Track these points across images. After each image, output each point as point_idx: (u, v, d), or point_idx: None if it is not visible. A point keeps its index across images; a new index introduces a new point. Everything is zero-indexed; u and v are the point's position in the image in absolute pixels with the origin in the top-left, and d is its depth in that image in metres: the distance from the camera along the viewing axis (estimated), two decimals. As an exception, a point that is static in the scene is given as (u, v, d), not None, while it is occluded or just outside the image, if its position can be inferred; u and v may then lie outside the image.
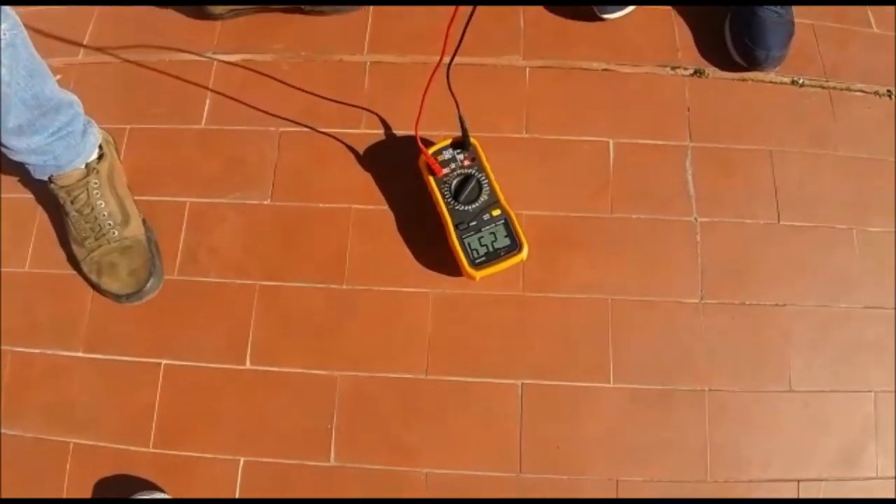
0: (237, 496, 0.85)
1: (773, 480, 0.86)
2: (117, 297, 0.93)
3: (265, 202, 0.97)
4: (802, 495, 0.86)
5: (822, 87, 1.05)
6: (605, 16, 1.04)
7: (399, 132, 1.00)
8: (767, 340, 0.91)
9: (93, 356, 0.91)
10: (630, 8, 1.05)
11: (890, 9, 1.11)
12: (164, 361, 0.90)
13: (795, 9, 1.05)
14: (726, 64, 1.04)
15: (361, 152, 1.00)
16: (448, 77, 0.88)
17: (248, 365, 0.90)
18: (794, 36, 1.04)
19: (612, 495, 0.85)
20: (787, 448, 0.87)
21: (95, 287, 0.94)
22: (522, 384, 0.89)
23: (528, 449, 0.86)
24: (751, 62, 1.02)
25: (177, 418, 0.88)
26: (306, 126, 1.01)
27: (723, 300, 0.92)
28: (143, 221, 0.96)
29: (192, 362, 0.90)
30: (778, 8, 1.02)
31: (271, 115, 1.02)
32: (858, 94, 1.05)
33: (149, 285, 0.92)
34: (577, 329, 0.91)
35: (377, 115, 1.02)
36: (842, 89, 1.05)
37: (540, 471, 0.86)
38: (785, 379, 0.90)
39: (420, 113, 0.85)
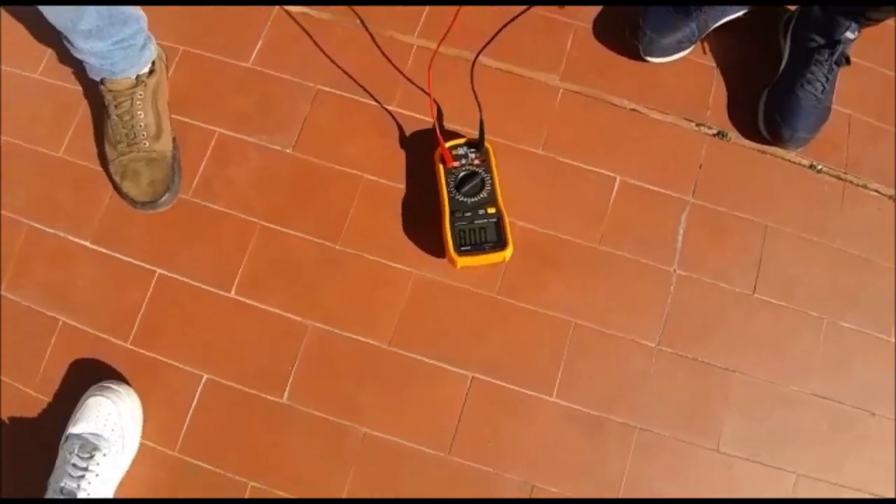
0: (193, 407, 0.93)
1: (677, 527, 0.92)
2: (133, 203, 1.00)
3: (287, 150, 1.04)
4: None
5: (839, 178, 1.07)
6: (649, 58, 1.07)
7: (427, 118, 1.05)
8: (709, 399, 0.96)
9: (98, 248, 0.99)
10: (675, 56, 1.08)
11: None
12: (160, 271, 0.98)
13: (838, 95, 1.07)
14: (751, 133, 1.07)
15: (387, 128, 1.05)
16: (472, 77, 0.93)
17: (232, 293, 0.97)
18: (826, 122, 1.06)
19: (525, 498, 0.91)
20: (697, 496, 0.93)
21: (117, 188, 1.01)
22: (473, 377, 0.95)
23: (462, 436, 0.93)
24: (775, 137, 1.05)
25: (158, 324, 0.96)
26: (343, 90, 1.07)
27: (677, 351, 0.97)
28: (173, 140, 1.03)
29: (184, 278, 0.98)
30: (819, 93, 1.04)
31: (314, 70, 1.08)
32: (873, 193, 1.07)
33: (164, 199, 1.00)
34: (537, 341, 0.96)
35: (412, 97, 1.07)
36: (857, 185, 1.07)
37: (466, 458, 0.92)
38: (715, 439, 0.94)
39: (432, 105, 0.90)
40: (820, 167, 1.07)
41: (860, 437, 0.97)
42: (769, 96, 1.07)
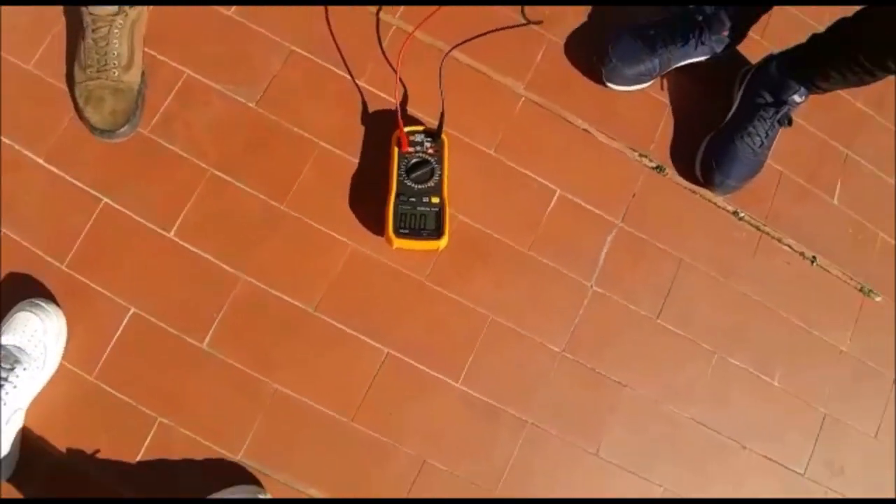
0: (116, 337, 0.96)
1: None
2: (92, 129, 1.02)
3: (250, 104, 1.06)
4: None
5: (757, 229, 1.16)
6: (610, 84, 1.13)
7: (392, 99, 1.09)
8: (597, 407, 1.04)
9: (50, 167, 1.00)
10: (634, 87, 1.14)
11: (856, 187, 1.21)
12: (106, 199, 1.00)
13: (775, 152, 1.15)
14: (686, 172, 1.15)
15: (351, 101, 1.08)
16: (441, 69, 0.96)
17: (171, 234, 1.00)
18: (757, 175, 1.14)
19: (415, 472, 0.98)
20: (571, 494, 1.02)
21: (79, 111, 1.02)
22: (388, 353, 1.01)
23: (367, 405, 0.99)
24: (707, 181, 1.13)
25: (95, 251, 0.99)
26: (316, 56, 1.10)
27: (578, 359, 1.05)
28: (143, 74, 1.04)
29: (128, 211, 1.00)
30: (757, 146, 1.12)
31: (291, 31, 1.10)
32: (786, 247, 1.16)
33: (122, 130, 1.01)
34: (453, 329, 1.03)
35: (381, 75, 1.10)
36: (773, 237, 1.16)
37: (367, 426, 0.99)
38: (596, 444, 1.03)
39: (398, 88, 0.94)
40: (742, 215, 1.15)
41: (728, 466, 1.07)
42: (710, 141, 1.14)
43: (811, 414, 1.12)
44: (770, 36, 1.24)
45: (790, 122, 1.11)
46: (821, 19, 1.23)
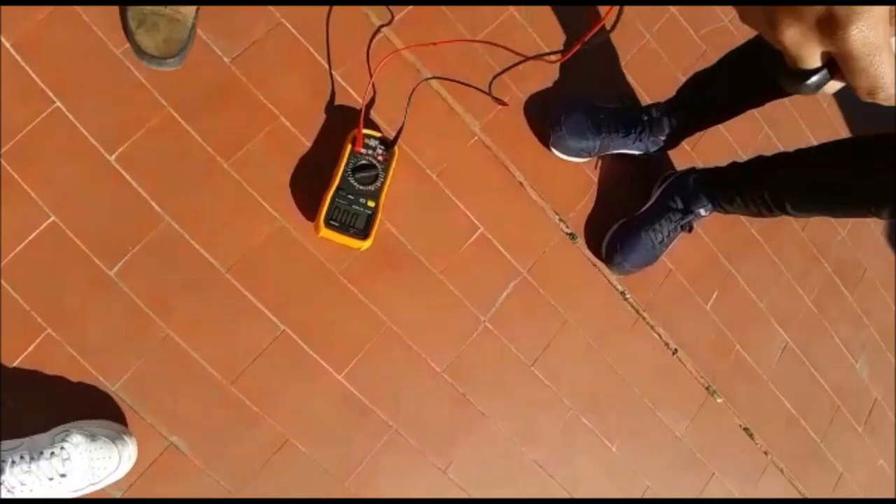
0: (28, 240, 0.96)
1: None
2: (140, 53, 1.01)
3: (225, 59, 1.08)
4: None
5: (637, 312, 1.30)
6: (554, 150, 1.25)
7: (359, 100, 1.14)
8: (457, 430, 1.14)
9: (15, 55, 0.98)
10: (573, 159, 1.26)
11: (729, 302, 1.39)
12: (58, 104, 0.99)
13: (671, 252, 1.30)
14: (593, 246, 1.28)
15: (322, 88, 1.13)
16: (412, 91, 1.02)
17: (111, 158, 1.00)
18: (650, 266, 1.28)
19: (275, 448, 1.03)
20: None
21: (128, 33, 1.01)
22: (284, 330, 1.06)
23: (249, 374, 1.03)
24: (607, 258, 1.26)
25: (33, 151, 0.97)
26: (301, 35, 1.13)
27: (454, 383, 1.14)
28: (197, 9, 1.05)
29: (76, 121, 0.99)
30: (657, 242, 1.26)
31: (287, 6, 1.13)
32: (656, 335, 1.32)
33: (172, 60, 1.02)
34: (350, 325, 1.09)
35: (357, 74, 1.15)
36: (648, 323, 1.31)
37: (244, 393, 1.03)
38: (447, 462, 1.13)
39: (368, 91, 1.00)
40: (628, 297, 1.30)
41: (553, 508, 1.20)
42: (621, 226, 1.27)
43: (638, 484, 1.27)
44: (699, 150, 1.40)
45: (691, 230, 1.27)
46: (746, 149, 1.41)
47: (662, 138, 1.25)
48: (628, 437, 1.27)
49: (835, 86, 0.39)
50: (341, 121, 1.12)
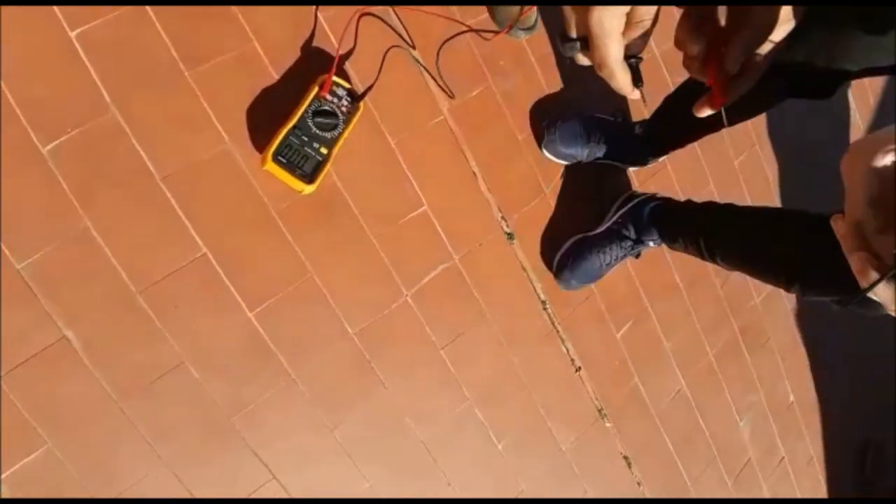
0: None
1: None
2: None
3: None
4: None
5: (552, 323, 1.34)
6: (544, 151, 1.30)
7: (338, 46, 1.13)
8: (354, 394, 1.15)
9: None
10: (559, 161, 1.31)
11: (638, 335, 1.45)
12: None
13: (608, 278, 1.35)
14: (545, 254, 1.33)
15: (303, 26, 1.11)
16: (386, 53, 1.01)
17: (72, 34, 0.95)
18: (591, 284, 1.34)
19: (169, 368, 1.01)
20: (289, 453, 1.11)
21: None
22: (205, 253, 1.04)
23: (161, 288, 1.01)
24: (557, 271, 1.32)
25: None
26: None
27: (362, 347, 1.15)
28: None
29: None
30: (604, 263, 1.31)
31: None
32: (564, 350, 1.36)
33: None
34: (273, 266, 1.08)
35: (342, 23, 1.13)
36: (559, 336, 1.35)
37: (150, 306, 1.00)
38: (336, 423, 1.13)
39: (348, 38, 1.00)
40: (548, 307, 1.34)
41: (427, 493, 1.22)
42: (576, 242, 1.32)
43: (514, 485, 1.31)
44: (658, 180, 1.46)
45: (638, 256, 1.33)
46: (700, 192, 1.47)
47: (645, 156, 1.32)
48: (515, 439, 1.30)
49: (583, 60, 0.50)
50: (313, 64, 1.11)
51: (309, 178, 1.05)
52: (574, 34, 0.49)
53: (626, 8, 0.45)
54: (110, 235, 0.99)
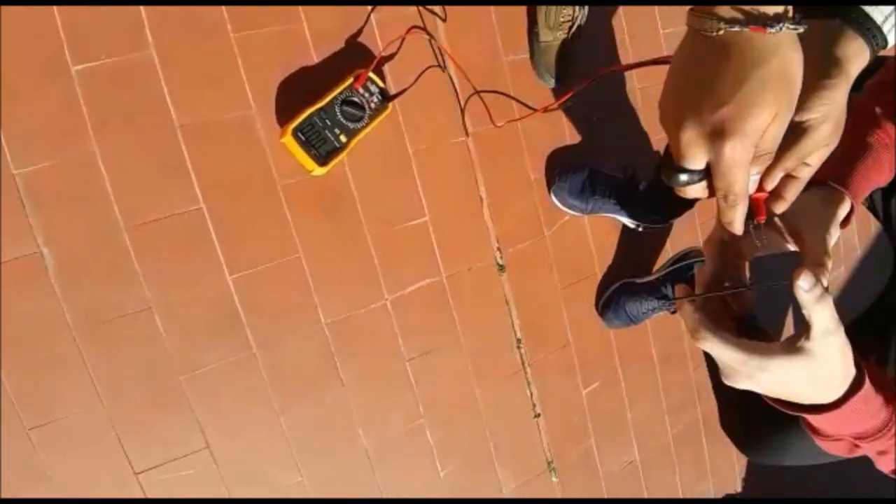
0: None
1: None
2: None
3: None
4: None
5: (522, 364, 1.34)
6: (553, 198, 1.33)
7: (381, 47, 1.16)
8: (309, 383, 1.13)
9: None
10: (566, 210, 1.34)
11: (606, 398, 1.44)
12: None
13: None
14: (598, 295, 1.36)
15: (354, 21, 1.13)
16: (424, 71, 1.04)
17: None
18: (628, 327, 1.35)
19: (134, 310, 1.00)
20: (236, 424, 1.08)
21: None
22: (202, 208, 1.03)
23: (150, 229, 1.00)
24: (601, 311, 1.41)
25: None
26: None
27: (331, 341, 1.14)
28: None
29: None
30: (642, 313, 1.37)
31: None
32: (528, 393, 1.35)
33: None
34: (265, 237, 1.08)
35: (396, 23, 1.16)
36: (527, 378, 1.34)
37: (134, 244, 0.99)
38: (286, 409, 1.11)
39: (397, 43, 1.02)
40: (521, 346, 1.33)
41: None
42: (622, 285, 1.39)
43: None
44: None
45: (674, 312, 1.36)
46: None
47: (646, 220, 1.35)
48: (459, 469, 1.28)
49: (693, 192, 0.49)
50: (354, 58, 1.13)
51: (322, 160, 1.06)
52: (694, 166, 0.46)
53: (758, 138, 0.44)
54: (113, 166, 0.99)
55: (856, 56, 0.58)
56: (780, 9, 0.43)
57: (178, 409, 1.04)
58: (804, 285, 0.45)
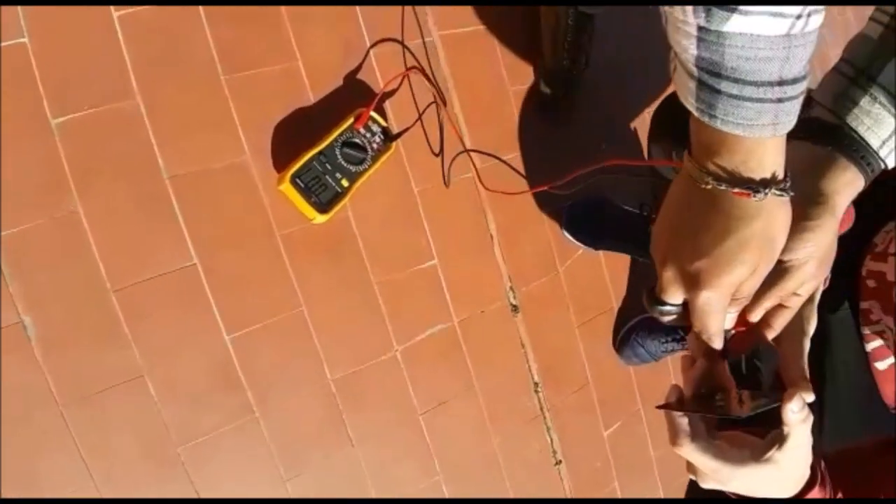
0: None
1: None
2: None
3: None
4: None
5: (540, 409, 1.26)
6: (565, 233, 1.27)
7: (382, 83, 1.09)
8: (317, 445, 1.05)
9: None
10: (577, 244, 1.28)
11: (627, 433, 1.37)
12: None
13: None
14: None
15: (353, 56, 1.07)
16: (427, 107, 0.99)
17: (116, 14, 0.91)
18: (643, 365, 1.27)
19: (125, 378, 0.92)
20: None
21: None
22: (195, 264, 0.96)
23: (140, 290, 0.93)
24: (619, 347, 1.34)
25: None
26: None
27: (339, 398, 1.06)
28: None
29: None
30: (660, 352, 1.31)
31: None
32: (548, 439, 1.28)
33: None
34: (265, 291, 1.01)
35: (391, 60, 1.10)
36: (546, 424, 1.27)
37: (122, 307, 0.92)
38: (293, 473, 1.03)
39: (399, 79, 0.96)
40: (539, 390, 1.26)
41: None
42: (640, 321, 1.32)
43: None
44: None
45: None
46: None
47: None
48: (479, 524, 1.20)
49: (675, 320, 0.50)
50: (353, 96, 1.07)
51: (323, 208, 0.99)
52: (672, 301, 0.48)
53: (733, 290, 0.46)
54: (99, 225, 0.91)
55: (846, 187, 0.52)
56: (768, 174, 0.42)
57: (178, 483, 0.96)
58: (794, 408, 0.47)
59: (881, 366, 0.83)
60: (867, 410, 0.85)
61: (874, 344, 0.82)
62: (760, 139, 0.41)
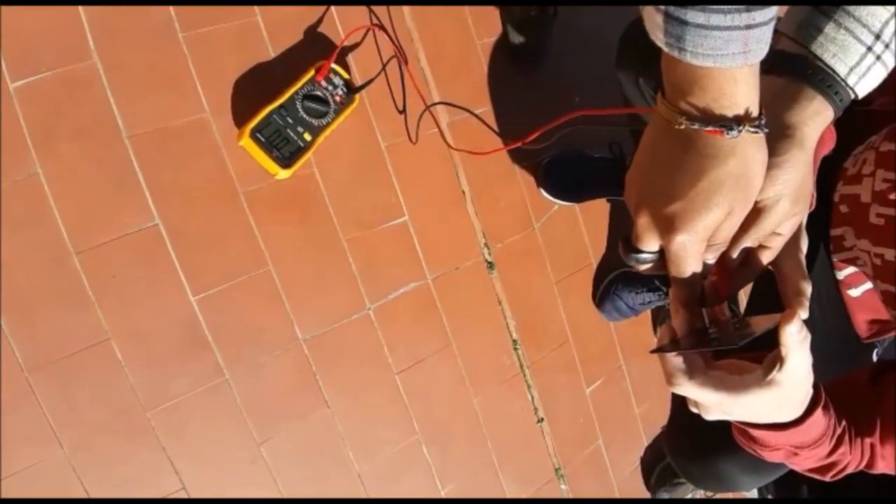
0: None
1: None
2: None
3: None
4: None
5: (520, 366, 1.25)
6: (542, 191, 1.24)
7: (344, 36, 1.07)
8: (291, 406, 1.04)
9: None
10: (554, 201, 1.26)
11: (609, 395, 1.36)
12: None
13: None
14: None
15: (313, 10, 1.05)
16: (392, 57, 0.96)
17: None
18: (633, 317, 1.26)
19: (91, 342, 0.91)
20: (209, 467, 0.99)
21: None
22: (157, 225, 0.94)
23: (102, 251, 0.91)
24: (598, 303, 1.32)
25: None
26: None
27: (311, 359, 1.05)
28: None
29: None
30: (642, 306, 1.30)
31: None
32: (529, 396, 1.27)
33: None
34: (230, 252, 0.99)
35: (353, 14, 1.07)
36: (526, 382, 1.26)
37: (85, 269, 0.90)
38: (265, 437, 1.02)
39: (362, 31, 0.95)
40: (519, 347, 1.24)
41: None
42: (618, 276, 1.30)
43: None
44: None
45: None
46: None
47: None
48: (460, 486, 1.19)
49: (651, 268, 0.49)
50: (315, 49, 1.04)
51: (285, 163, 0.97)
52: (647, 249, 0.47)
53: (709, 234, 0.45)
54: (59, 186, 0.89)
55: (813, 118, 0.51)
56: (741, 111, 0.41)
57: (148, 448, 0.95)
58: (793, 330, 0.46)
59: (854, 293, 0.81)
60: (838, 343, 0.83)
61: (847, 271, 0.80)
62: (732, 76, 0.40)
